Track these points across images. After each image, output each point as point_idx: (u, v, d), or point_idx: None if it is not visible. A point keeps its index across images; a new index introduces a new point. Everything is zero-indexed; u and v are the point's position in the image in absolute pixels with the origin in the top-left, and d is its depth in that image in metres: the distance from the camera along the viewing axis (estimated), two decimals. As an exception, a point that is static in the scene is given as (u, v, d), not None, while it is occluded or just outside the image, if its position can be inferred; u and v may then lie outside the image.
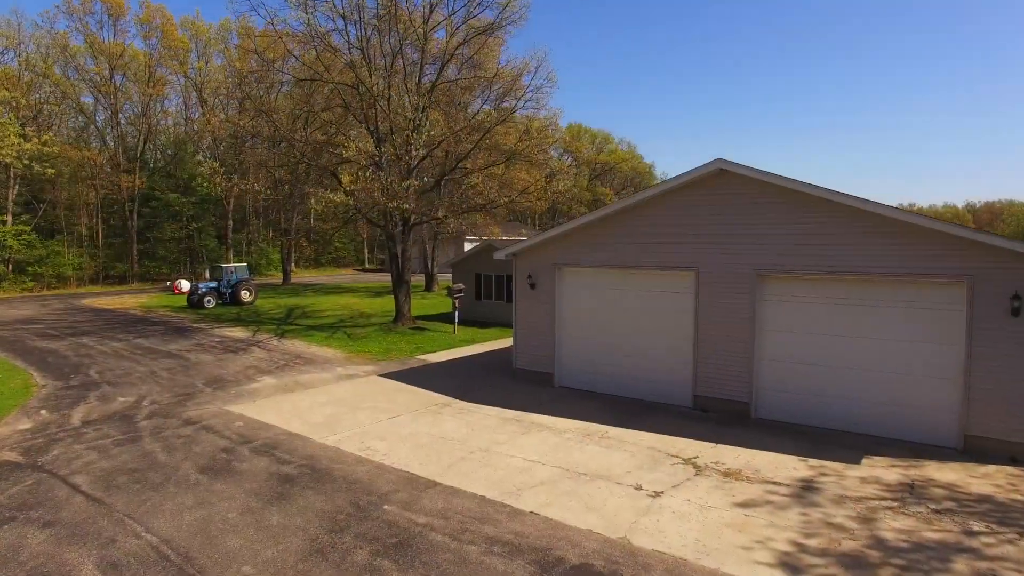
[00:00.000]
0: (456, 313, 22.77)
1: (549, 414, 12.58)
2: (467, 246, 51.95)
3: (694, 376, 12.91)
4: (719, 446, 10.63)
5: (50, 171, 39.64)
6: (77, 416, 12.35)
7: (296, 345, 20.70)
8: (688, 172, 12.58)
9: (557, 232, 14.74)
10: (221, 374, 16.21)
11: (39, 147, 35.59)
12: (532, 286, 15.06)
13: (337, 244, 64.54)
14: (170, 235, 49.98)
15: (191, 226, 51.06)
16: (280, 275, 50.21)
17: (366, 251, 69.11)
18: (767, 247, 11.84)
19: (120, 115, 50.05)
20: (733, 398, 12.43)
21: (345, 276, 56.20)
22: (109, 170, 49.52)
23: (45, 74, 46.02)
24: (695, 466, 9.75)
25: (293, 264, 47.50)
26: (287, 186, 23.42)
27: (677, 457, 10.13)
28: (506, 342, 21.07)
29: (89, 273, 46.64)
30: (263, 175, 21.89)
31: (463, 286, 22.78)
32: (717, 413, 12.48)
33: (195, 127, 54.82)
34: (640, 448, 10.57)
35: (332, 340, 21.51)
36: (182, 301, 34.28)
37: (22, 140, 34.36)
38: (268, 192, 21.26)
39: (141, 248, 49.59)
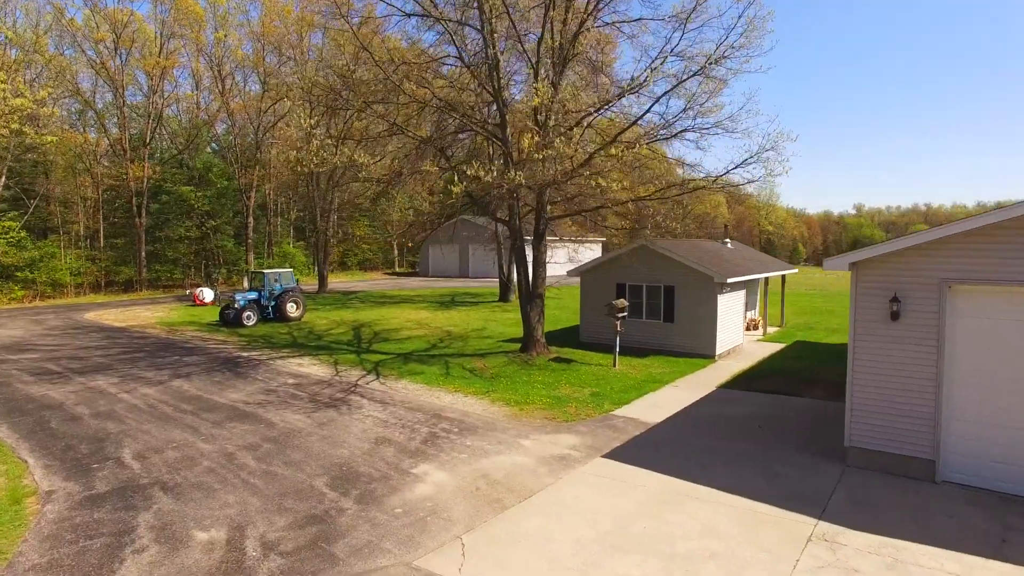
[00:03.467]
0: (617, 339, 16.50)
1: (1062, 576, 6.38)
2: (524, 251, 45.75)
3: None
4: None
5: (49, 138, 32.32)
6: (127, 602, 5.96)
7: (412, 390, 14.32)
8: None
9: (952, 230, 8.45)
10: (344, 459, 9.82)
11: (32, 104, 27.98)
12: (894, 315, 8.81)
13: (364, 247, 58.01)
14: (182, 234, 43.31)
15: (206, 224, 44.38)
16: (311, 280, 43.82)
17: (395, 254, 62.50)
18: None
19: (125, 97, 43.14)
20: None
21: (379, 281, 49.56)
22: (107, 165, 42.77)
23: (36, 47, 39.11)
24: None
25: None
26: (396, 161, 17.11)
27: None
28: (700, 381, 14.73)
29: (89, 280, 39.75)
30: (365, 146, 15.61)
31: (626, 303, 16.48)
32: None
33: (210, 110, 48.20)
34: None
35: (455, 381, 15.14)
36: (209, 315, 27.82)
37: (9, 94, 26.60)
38: (374, 166, 15.08)
39: (149, 249, 42.80)
